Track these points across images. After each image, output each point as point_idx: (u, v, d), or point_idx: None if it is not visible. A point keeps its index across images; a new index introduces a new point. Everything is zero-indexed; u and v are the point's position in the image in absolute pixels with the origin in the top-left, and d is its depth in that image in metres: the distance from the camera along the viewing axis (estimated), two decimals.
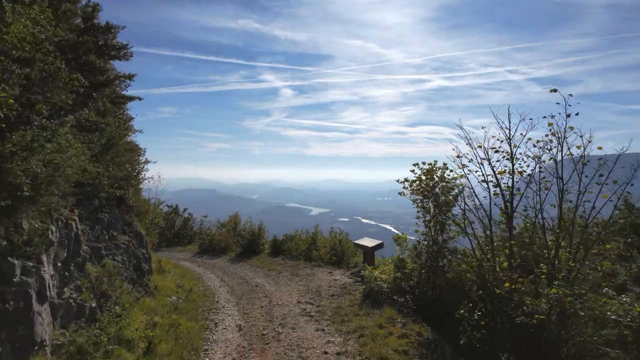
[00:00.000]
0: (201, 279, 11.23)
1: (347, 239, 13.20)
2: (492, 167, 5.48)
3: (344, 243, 12.79)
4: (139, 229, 9.20)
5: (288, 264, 12.46)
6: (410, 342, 5.59)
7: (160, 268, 10.76)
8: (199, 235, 18.46)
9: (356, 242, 11.20)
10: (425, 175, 7.78)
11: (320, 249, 12.99)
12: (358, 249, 11.52)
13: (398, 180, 8.13)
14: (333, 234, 14.05)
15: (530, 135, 5.20)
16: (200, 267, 13.12)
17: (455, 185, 7.17)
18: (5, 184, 2.81)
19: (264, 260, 13.34)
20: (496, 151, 5.47)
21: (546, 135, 5.03)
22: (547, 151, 5.00)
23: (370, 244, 10.51)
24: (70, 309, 4.99)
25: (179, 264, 13.33)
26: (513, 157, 5.35)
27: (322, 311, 7.52)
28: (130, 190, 8.17)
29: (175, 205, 20.14)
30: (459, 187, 6.90)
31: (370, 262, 10.26)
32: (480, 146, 5.59)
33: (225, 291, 9.82)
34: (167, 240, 18.23)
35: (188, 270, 12.27)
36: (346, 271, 11.10)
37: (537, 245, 5.34)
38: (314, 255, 12.86)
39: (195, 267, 13.09)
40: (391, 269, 8.46)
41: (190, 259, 14.90)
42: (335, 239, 13.29)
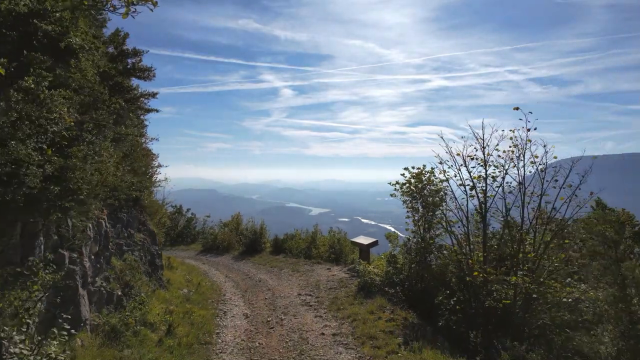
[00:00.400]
0: (207, 275, 11.93)
1: (345, 238, 13.62)
2: (470, 173, 6.25)
3: (342, 242, 13.26)
4: (151, 228, 9.95)
5: (289, 261, 13.10)
6: (396, 325, 6.38)
7: (169, 264, 11.49)
8: (202, 235, 18.96)
9: (352, 240, 11.93)
10: (415, 179, 8.53)
11: (319, 247, 13.46)
12: (355, 246, 12.24)
13: (390, 183, 8.88)
14: (332, 233, 14.43)
15: (502, 145, 5.98)
16: (205, 265, 13.75)
17: (441, 189, 7.94)
18: (68, 190, 3.56)
19: (266, 258, 13.91)
20: (472, 158, 6.24)
21: (509, 147, 5.81)
22: (510, 160, 5.79)
23: (366, 241, 11.26)
24: (101, 295, 5.76)
25: (185, 261, 13.90)
26: (486, 164, 6.12)
27: (321, 301, 8.30)
28: (145, 192, 8.93)
29: (179, 206, 20.75)
30: (444, 190, 7.67)
31: (366, 259, 10.99)
32: (459, 154, 6.36)
33: (230, 285, 10.56)
34: (171, 240, 18.73)
35: (194, 267, 12.95)
36: (343, 267, 11.82)
37: (506, 241, 6.11)
38: (314, 253, 13.32)
39: (200, 265, 13.69)
40: (384, 264, 9.23)
41: (195, 257, 15.49)
42: (334, 237, 13.73)
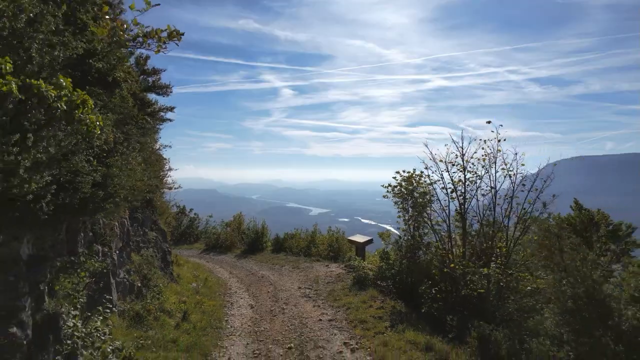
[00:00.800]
0: (212, 272, 12.65)
1: (343, 237, 14.12)
2: (451, 177, 7.04)
3: (340, 240, 13.79)
4: (162, 226, 10.72)
5: (289, 259, 13.78)
6: (385, 312, 7.16)
7: (176, 262, 12.26)
8: (205, 234, 19.59)
9: (349, 239, 12.69)
10: (405, 182, 9.29)
11: (318, 246, 14.02)
12: (351, 244, 12.99)
13: (382, 185, 9.65)
14: (330, 232, 14.88)
15: (480, 152, 6.76)
16: (209, 263, 14.41)
17: (428, 191, 8.70)
18: (108, 194, 4.31)
19: (267, 256, 14.50)
20: (453, 164, 7.02)
21: (482, 155, 6.59)
22: (482, 167, 6.58)
23: (361, 239, 12.03)
24: (125, 286, 6.52)
25: (189, 259, 14.53)
26: (465, 170, 6.89)
27: (319, 294, 9.07)
28: (157, 193, 9.70)
29: (183, 206, 21.48)
30: (430, 193, 8.44)
31: (361, 256, 11.76)
32: (441, 160, 7.14)
33: (235, 281, 11.32)
34: (175, 239, 19.33)
35: (199, 265, 13.66)
36: (341, 264, 12.56)
37: (483, 238, 6.89)
38: (313, 251, 13.88)
39: (204, 263, 14.33)
40: (377, 260, 10.00)
41: (198, 255, 16.10)
42: (333, 236, 14.25)
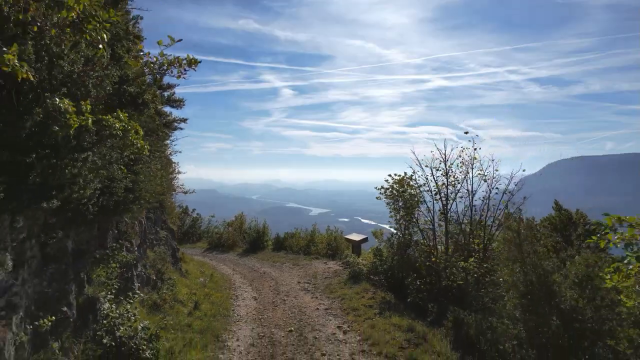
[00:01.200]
0: (216, 269, 13.39)
1: (341, 236, 14.72)
2: (435, 181, 7.81)
3: (338, 239, 14.40)
4: (170, 226, 11.49)
5: (290, 257, 14.45)
6: (375, 302, 7.93)
7: (183, 259, 13.01)
8: (207, 234, 20.22)
9: (346, 237, 13.45)
10: (397, 184, 10.06)
11: (317, 244, 14.66)
12: (348, 242, 13.75)
13: (376, 187, 10.41)
14: (329, 231, 15.55)
15: (459, 161, 7.54)
16: (212, 261, 15.08)
17: (417, 194, 9.48)
18: (136, 197, 5.07)
19: (268, 254, 15.15)
20: (437, 170, 7.80)
21: (459, 163, 7.38)
22: (460, 173, 7.36)
23: (357, 238, 12.80)
24: (142, 278, 7.28)
25: (193, 258, 15.21)
26: (447, 174, 7.66)
27: (317, 287, 9.84)
28: (167, 195, 10.47)
29: (186, 206, 22.21)
30: (418, 196, 9.21)
31: (357, 253, 12.53)
32: (427, 165, 7.92)
33: (238, 277, 12.06)
34: (178, 238, 20.07)
35: (204, 263, 14.36)
36: (338, 262, 13.29)
37: (462, 236, 7.67)
38: (312, 250, 14.52)
39: (208, 261, 14.99)
40: (371, 256, 10.76)
41: (202, 254, 16.71)
42: (331, 235, 14.90)
